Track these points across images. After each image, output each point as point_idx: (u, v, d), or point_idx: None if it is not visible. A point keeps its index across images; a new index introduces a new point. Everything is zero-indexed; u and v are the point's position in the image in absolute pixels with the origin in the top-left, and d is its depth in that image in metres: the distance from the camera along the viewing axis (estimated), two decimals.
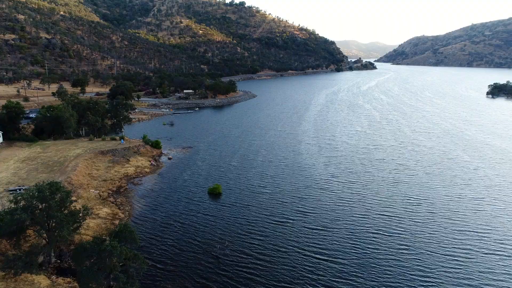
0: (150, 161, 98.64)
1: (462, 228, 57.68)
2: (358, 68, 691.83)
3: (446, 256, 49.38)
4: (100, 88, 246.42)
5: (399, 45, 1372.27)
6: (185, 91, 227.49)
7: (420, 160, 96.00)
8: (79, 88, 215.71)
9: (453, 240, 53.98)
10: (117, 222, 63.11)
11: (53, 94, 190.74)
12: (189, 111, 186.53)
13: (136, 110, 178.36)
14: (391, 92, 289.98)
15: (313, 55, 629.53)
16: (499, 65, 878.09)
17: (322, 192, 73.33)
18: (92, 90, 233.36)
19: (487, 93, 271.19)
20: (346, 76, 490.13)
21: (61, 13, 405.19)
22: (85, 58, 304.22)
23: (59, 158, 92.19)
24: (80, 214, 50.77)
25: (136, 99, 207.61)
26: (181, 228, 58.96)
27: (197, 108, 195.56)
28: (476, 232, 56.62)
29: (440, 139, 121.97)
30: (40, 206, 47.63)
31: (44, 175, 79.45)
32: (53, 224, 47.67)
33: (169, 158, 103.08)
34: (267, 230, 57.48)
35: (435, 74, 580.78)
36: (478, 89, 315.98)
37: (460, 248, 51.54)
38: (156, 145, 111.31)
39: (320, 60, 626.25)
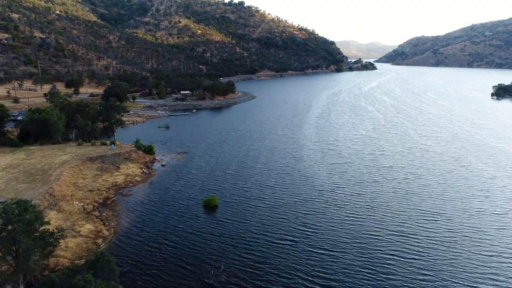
0: (141, 168, 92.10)
1: (488, 251, 51.11)
2: (358, 69, 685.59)
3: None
4: (95, 89, 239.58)
5: (399, 46, 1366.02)
6: (182, 92, 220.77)
7: (431, 168, 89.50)
8: (73, 89, 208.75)
9: (479, 265, 47.46)
10: (100, 241, 56.62)
11: (45, 95, 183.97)
12: (186, 113, 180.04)
13: (130, 112, 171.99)
14: (394, 93, 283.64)
15: (313, 55, 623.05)
16: (499, 66, 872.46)
17: (327, 206, 66.76)
18: (87, 90, 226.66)
19: (492, 94, 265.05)
20: (347, 77, 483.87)
21: (57, 12, 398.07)
22: (81, 58, 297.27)
23: (44, 165, 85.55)
24: (54, 236, 44.29)
25: (131, 100, 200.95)
26: (171, 249, 52.40)
27: (194, 110, 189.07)
28: (505, 256, 50.08)
29: (449, 144, 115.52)
30: (6, 228, 41.29)
31: (24, 185, 72.91)
32: (21, 250, 41.22)
33: (163, 165, 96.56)
34: (267, 252, 50.96)
35: (436, 74, 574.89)
36: (482, 90, 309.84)
37: (490, 278, 45.00)
38: (149, 150, 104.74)
39: (320, 60, 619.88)
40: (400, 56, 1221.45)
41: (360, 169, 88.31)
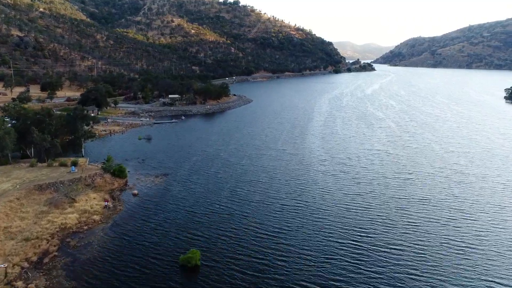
0: (105, 200, 71.29)
1: None
2: (356, 70, 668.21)
3: None
4: (76, 91, 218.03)
5: (396, 46, 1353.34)
6: (170, 96, 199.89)
7: (480, 201, 69.33)
8: (47, 92, 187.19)
9: None
10: None
11: (13, 99, 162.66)
12: (173, 121, 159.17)
13: (108, 120, 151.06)
14: (400, 96, 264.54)
15: (310, 56, 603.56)
16: (498, 67, 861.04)
17: (354, 275, 46.41)
18: (65, 94, 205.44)
19: (505, 98, 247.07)
20: (346, 79, 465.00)
21: (41, 10, 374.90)
22: (62, 58, 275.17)
23: None
24: None
25: (112, 105, 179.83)
26: None
27: (183, 117, 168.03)
28: None
29: (487, 163, 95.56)
30: None
31: None
32: None
33: (134, 194, 75.81)
34: None
35: (437, 76, 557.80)
36: (491, 93, 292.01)
37: None
38: (119, 173, 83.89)
39: (318, 61, 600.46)
40: (397, 57, 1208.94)
41: (387, 203, 68.07)
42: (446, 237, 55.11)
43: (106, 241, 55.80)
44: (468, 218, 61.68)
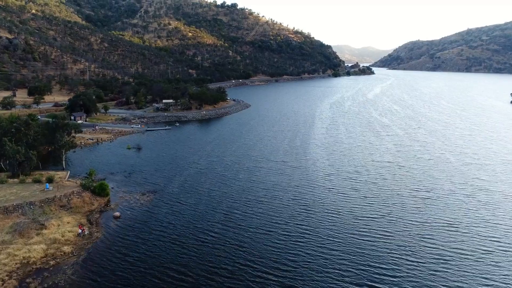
0: (80, 226, 61.44)
1: None
2: (355, 73, 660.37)
3: None
4: (66, 96, 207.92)
5: (394, 50, 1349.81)
6: (164, 101, 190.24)
7: None
8: (34, 97, 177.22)
9: None
10: None
11: None
12: (166, 127, 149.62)
13: (97, 127, 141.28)
14: (403, 101, 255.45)
15: (309, 59, 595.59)
16: (498, 70, 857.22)
17: None
18: (54, 99, 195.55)
19: None
20: (345, 82, 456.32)
21: (33, 11, 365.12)
22: (53, 61, 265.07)
23: None
24: None
25: (103, 111, 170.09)
26: None
27: (177, 124, 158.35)
28: None
29: (510, 177, 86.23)
30: None
31: None
32: None
33: (115, 217, 66.12)
34: None
35: (437, 80, 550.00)
36: (497, 97, 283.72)
37: None
38: (100, 190, 74.22)
39: (317, 64, 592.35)
40: (395, 60, 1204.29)
41: (408, 230, 58.39)
42: (486, 277, 45.57)
43: (74, 282, 46.05)
44: (507, 250, 52.18)
